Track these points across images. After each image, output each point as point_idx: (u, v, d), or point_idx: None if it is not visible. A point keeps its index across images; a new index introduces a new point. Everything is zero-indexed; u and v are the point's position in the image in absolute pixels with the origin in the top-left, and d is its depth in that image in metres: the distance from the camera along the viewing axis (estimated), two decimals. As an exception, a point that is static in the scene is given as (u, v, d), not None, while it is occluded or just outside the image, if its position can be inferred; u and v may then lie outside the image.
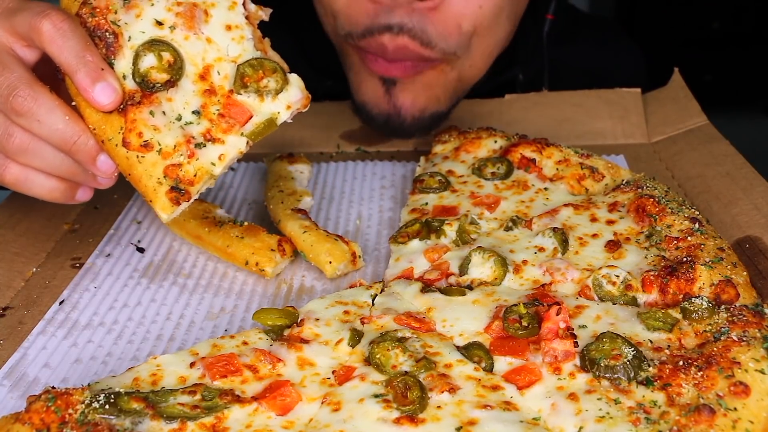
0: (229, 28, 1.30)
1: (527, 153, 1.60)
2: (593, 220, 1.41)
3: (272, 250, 1.41)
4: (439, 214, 1.49)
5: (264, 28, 1.35)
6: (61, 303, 1.36)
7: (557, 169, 1.56)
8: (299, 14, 1.97)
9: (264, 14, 1.35)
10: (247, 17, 1.32)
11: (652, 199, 1.39)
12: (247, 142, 1.28)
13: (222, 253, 1.45)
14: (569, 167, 1.56)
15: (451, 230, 1.41)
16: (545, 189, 1.53)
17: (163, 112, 1.24)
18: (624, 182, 1.50)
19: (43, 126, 1.23)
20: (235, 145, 1.27)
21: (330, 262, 1.40)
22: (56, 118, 1.23)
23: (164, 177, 1.22)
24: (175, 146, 1.23)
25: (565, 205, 1.45)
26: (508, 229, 1.41)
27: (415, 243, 1.41)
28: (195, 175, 1.23)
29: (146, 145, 1.22)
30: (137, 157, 1.22)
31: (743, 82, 4.64)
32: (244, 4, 1.32)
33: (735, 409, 0.97)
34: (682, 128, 1.89)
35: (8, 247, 1.50)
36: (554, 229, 1.36)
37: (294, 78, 1.31)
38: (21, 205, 1.63)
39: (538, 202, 1.49)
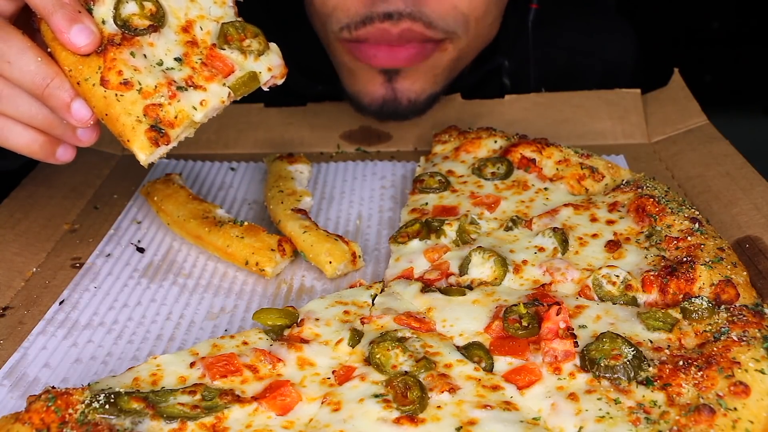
0: None
1: (527, 153, 1.60)
2: (593, 220, 1.41)
3: (272, 250, 1.41)
4: (439, 214, 1.49)
5: None
6: (61, 303, 1.36)
7: (557, 169, 1.56)
8: (288, 15, 1.98)
9: None
10: None
11: (652, 199, 1.39)
12: (229, 94, 1.26)
13: (222, 253, 1.45)
14: (569, 167, 1.56)
15: (451, 230, 1.41)
16: (545, 189, 1.53)
17: (144, 56, 1.23)
18: (624, 182, 1.50)
19: (14, 68, 1.20)
20: (217, 93, 1.25)
21: (330, 262, 1.40)
22: (28, 60, 1.20)
23: (144, 116, 1.19)
24: (156, 87, 1.21)
25: (565, 205, 1.45)
26: (508, 229, 1.41)
27: (415, 243, 1.42)
28: (176, 117, 1.21)
29: (126, 84, 1.19)
30: (116, 95, 1.19)
31: (743, 82, 4.62)
32: None
33: (735, 409, 0.97)
34: (682, 128, 1.89)
35: (8, 247, 1.50)
36: (554, 229, 1.36)
37: (274, 46, 1.32)
38: (21, 205, 1.63)
39: (538, 202, 1.49)
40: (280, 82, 1.33)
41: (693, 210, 1.38)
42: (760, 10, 4.51)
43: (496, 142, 1.67)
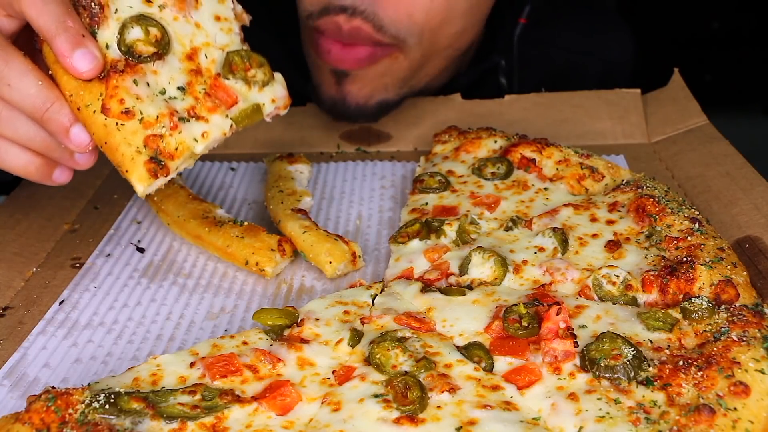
0: (218, 18, 1.30)
1: (527, 153, 1.60)
2: (593, 220, 1.41)
3: (272, 250, 1.41)
4: (439, 214, 1.49)
5: (252, 33, 1.35)
6: (61, 303, 1.36)
7: (557, 169, 1.56)
8: (288, 16, 1.99)
9: (247, 18, 1.36)
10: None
11: (652, 199, 1.39)
12: (231, 125, 1.25)
13: (222, 253, 1.45)
14: (569, 167, 1.56)
15: (451, 230, 1.41)
16: (545, 189, 1.53)
17: (147, 84, 1.21)
18: (624, 182, 1.50)
19: (13, 91, 1.18)
20: (219, 125, 1.24)
21: (330, 262, 1.40)
22: (28, 83, 1.18)
23: (144, 147, 1.17)
24: (157, 117, 1.19)
25: (565, 205, 1.45)
26: (508, 229, 1.41)
27: (415, 243, 1.42)
28: (176, 149, 1.19)
29: (127, 113, 1.17)
30: (116, 124, 1.17)
31: (743, 82, 4.63)
32: (232, 0, 1.33)
33: (735, 409, 0.97)
34: (682, 128, 1.89)
35: (8, 247, 1.50)
36: (554, 229, 1.36)
37: (279, 76, 1.32)
38: (21, 205, 1.63)
39: (538, 202, 1.49)
40: (283, 112, 1.32)
41: (693, 210, 1.38)
42: (760, 11, 4.51)
43: (496, 142, 1.67)
